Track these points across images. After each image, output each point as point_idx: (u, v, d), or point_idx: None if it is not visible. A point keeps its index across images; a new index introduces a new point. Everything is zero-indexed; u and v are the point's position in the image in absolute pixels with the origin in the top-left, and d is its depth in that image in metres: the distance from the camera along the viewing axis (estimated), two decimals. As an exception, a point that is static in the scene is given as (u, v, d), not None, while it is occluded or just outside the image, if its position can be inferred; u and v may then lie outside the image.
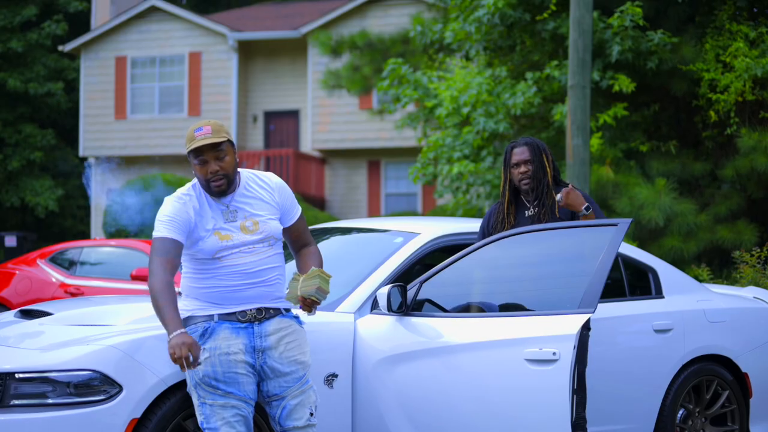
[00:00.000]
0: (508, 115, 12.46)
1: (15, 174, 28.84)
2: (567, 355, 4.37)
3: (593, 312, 4.43)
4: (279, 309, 4.35)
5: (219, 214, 4.26)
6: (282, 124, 26.10)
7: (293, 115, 25.93)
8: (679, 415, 5.79)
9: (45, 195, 28.49)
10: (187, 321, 4.28)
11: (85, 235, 29.51)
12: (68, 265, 11.35)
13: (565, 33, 11.60)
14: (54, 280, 11.13)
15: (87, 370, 4.16)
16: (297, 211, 4.46)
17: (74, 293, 10.79)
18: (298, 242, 4.51)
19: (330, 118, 24.39)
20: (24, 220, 30.74)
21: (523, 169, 5.31)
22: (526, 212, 5.32)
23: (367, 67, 17.58)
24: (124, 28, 26.11)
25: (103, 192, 26.16)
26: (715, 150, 12.11)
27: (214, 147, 4.19)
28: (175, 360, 3.89)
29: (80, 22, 31.66)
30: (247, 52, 25.78)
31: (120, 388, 4.19)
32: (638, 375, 5.58)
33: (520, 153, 5.34)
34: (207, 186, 4.23)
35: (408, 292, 4.79)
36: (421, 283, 4.82)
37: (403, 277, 5.20)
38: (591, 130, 11.25)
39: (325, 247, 5.70)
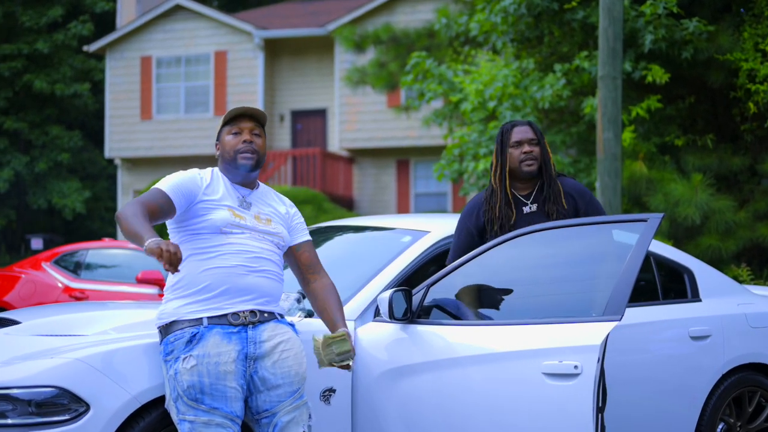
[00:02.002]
0: (535, 108, 12.11)
1: (42, 176, 28.76)
2: (590, 368, 3.89)
3: (620, 319, 3.95)
4: (273, 313, 4.01)
5: (234, 199, 4.03)
6: (309, 123, 25.81)
7: (320, 114, 25.63)
8: (718, 430, 5.39)
9: (72, 197, 28.41)
10: (171, 326, 3.89)
11: (113, 237, 29.36)
12: (74, 268, 11.02)
13: (595, 22, 11.24)
14: (59, 284, 10.79)
15: (50, 386, 3.73)
16: (307, 232, 4.27)
17: (79, 297, 10.45)
18: (309, 267, 4.21)
19: (357, 117, 24.08)
20: (51, 222, 30.67)
21: (526, 148, 4.67)
22: (524, 209, 4.70)
23: (393, 63, 17.24)
24: (149, 27, 25.92)
25: (130, 193, 26.04)
26: (755, 144, 11.81)
27: (252, 120, 4.10)
28: (161, 256, 3.54)
29: (107, 23, 31.55)
30: (274, 50, 25.50)
31: (87, 407, 3.76)
32: (673, 386, 5.18)
33: (523, 131, 4.71)
34: (233, 159, 4.03)
35: (413, 297, 4.34)
36: (428, 287, 4.36)
37: (413, 279, 4.78)
38: (623, 124, 10.88)
39: (328, 247, 5.30)
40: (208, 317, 3.87)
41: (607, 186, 9.46)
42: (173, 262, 3.55)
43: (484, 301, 4.56)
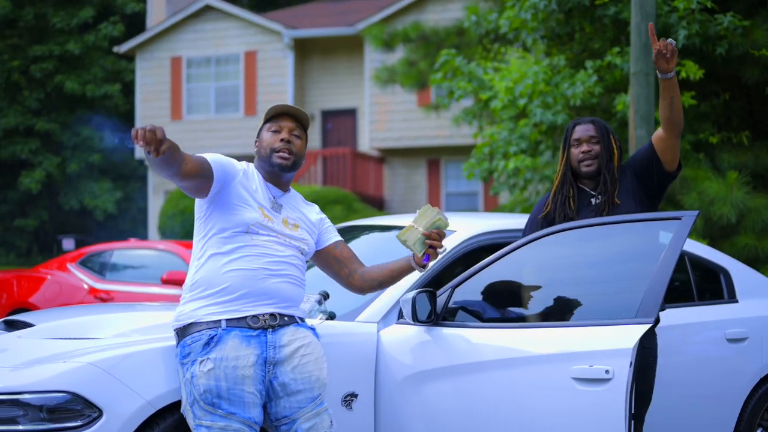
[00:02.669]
0: (566, 106, 11.91)
1: (74, 177, 28.88)
2: (622, 373, 3.73)
3: (653, 322, 3.77)
4: (294, 317, 3.88)
5: (266, 199, 3.92)
6: (339, 123, 25.72)
7: (350, 113, 25.54)
8: (756, 435, 5.22)
9: (104, 198, 28.53)
10: (188, 328, 3.77)
11: (143, 238, 29.42)
12: (99, 269, 10.91)
13: (627, 18, 11.03)
14: (84, 285, 10.69)
15: (62, 391, 3.63)
16: (337, 234, 4.17)
17: (104, 298, 10.35)
18: (352, 259, 4.12)
19: (388, 116, 23.96)
20: (83, 223, 30.77)
21: (585, 148, 4.60)
22: (592, 200, 4.60)
23: (423, 61, 17.10)
24: (179, 27, 25.92)
25: (161, 193, 26.05)
26: (792, 141, 11.46)
27: (295, 120, 4.02)
28: (136, 137, 3.31)
29: (137, 23, 31.64)
30: (303, 50, 25.43)
31: (100, 413, 3.65)
32: (709, 390, 5.02)
33: (583, 130, 4.63)
34: (268, 157, 3.93)
35: (438, 299, 4.18)
36: (453, 288, 4.21)
37: (440, 279, 4.62)
38: (656, 121, 10.64)
39: (351, 246, 5.14)
40: (227, 319, 3.75)
41: (640, 184, 9.28)
42: (148, 139, 3.29)
43: (511, 303, 4.41)
